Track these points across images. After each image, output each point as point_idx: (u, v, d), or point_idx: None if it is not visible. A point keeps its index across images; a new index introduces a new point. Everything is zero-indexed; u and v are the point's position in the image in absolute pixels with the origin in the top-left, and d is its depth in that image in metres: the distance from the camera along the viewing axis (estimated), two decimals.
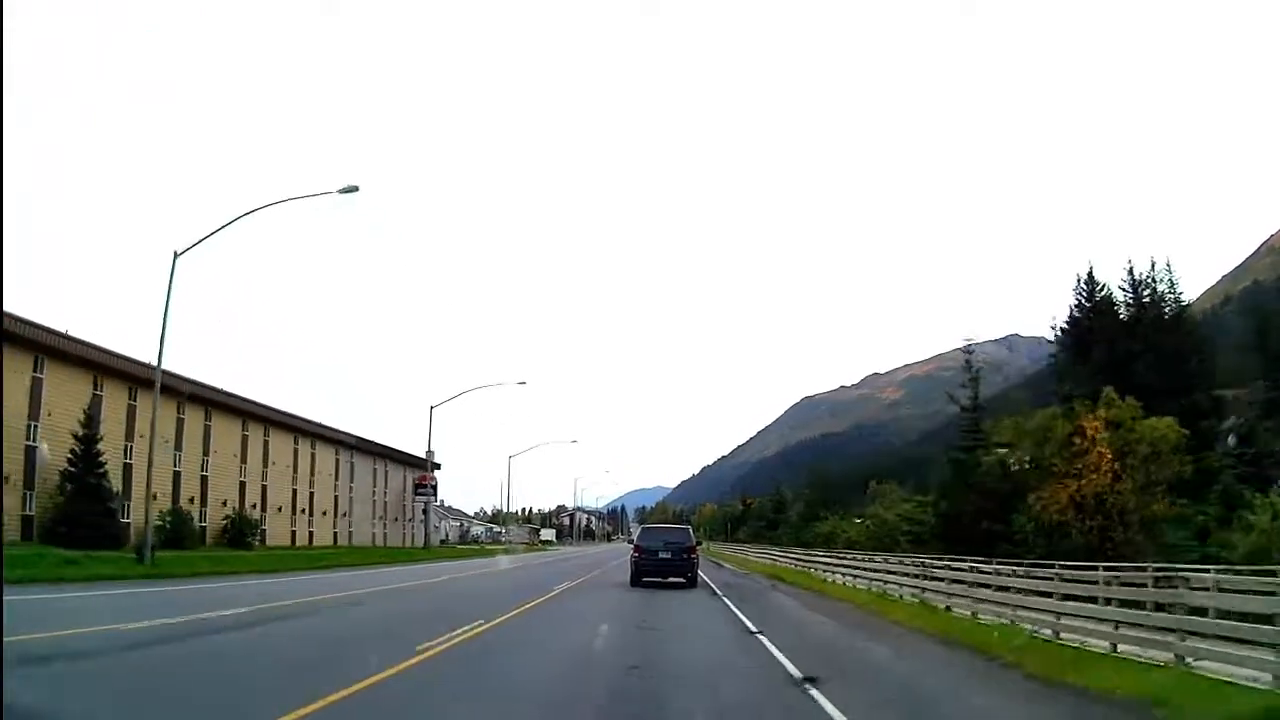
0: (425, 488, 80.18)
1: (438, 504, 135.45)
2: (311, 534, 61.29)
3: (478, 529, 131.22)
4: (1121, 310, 54.82)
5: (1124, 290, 54.24)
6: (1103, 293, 55.07)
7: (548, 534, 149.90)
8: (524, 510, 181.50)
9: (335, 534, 65.87)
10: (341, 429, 67.55)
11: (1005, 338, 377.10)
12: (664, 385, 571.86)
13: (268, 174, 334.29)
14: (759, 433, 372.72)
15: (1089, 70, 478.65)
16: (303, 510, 60.50)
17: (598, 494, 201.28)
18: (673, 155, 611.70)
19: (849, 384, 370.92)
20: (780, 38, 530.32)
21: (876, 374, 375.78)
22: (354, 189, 27.33)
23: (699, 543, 31.63)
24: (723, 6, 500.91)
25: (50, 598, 16.33)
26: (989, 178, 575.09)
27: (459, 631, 12.49)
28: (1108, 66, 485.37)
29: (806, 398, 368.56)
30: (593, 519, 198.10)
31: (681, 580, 25.24)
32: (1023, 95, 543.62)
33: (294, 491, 59.45)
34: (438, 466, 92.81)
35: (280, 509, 57.14)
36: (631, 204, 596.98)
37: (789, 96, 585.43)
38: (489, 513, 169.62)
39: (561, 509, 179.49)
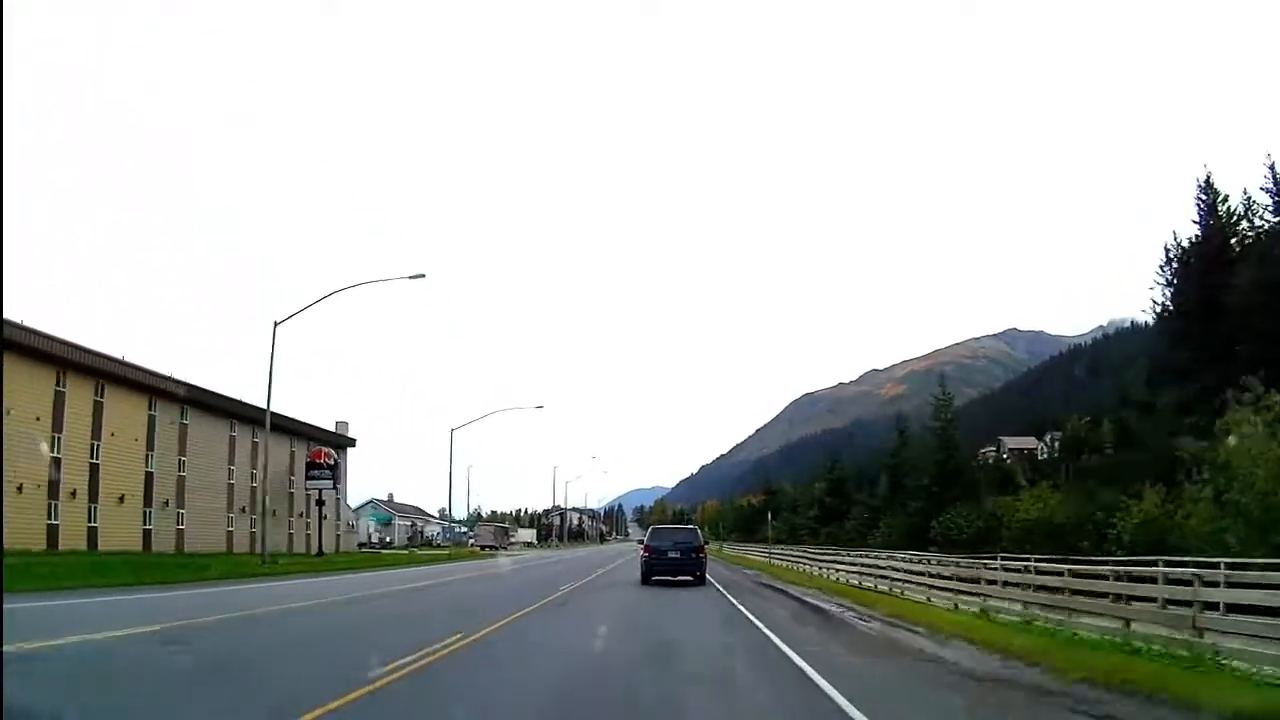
0: (320, 469, 58.72)
1: (383, 500, 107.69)
2: (94, 530, 37.50)
3: (434, 529, 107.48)
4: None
5: (1269, 193, 36.63)
6: (1225, 205, 38.31)
7: (527, 534, 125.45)
8: (519, 511, 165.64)
9: (149, 532, 41.73)
10: (167, 373, 44.07)
11: (1004, 332, 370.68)
12: (661, 385, 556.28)
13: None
14: (758, 430, 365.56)
15: (1085, 68, 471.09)
16: (73, 493, 36.82)
17: (587, 490, 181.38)
18: (671, 153, 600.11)
19: (848, 380, 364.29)
20: (780, 37, 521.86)
21: (875, 370, 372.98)
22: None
23: (706, 541, 34.23)
24: (723, 7, 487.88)
25: None
26: (986, 174, 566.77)
27: None
28: (1105, 63, 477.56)
29: (806, 394, 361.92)
30: (584, 518, 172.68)
31: (690, 578, 25.67)
32: (1019, 93, 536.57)
33: (55, 461, 35.34)
34: (350, 443, 69.32)
35: (21, 488, 33.62)
36: (625, 202, 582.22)
37: (788, 95, 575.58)
38: (484, 515, 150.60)
39: (557, 508, 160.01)
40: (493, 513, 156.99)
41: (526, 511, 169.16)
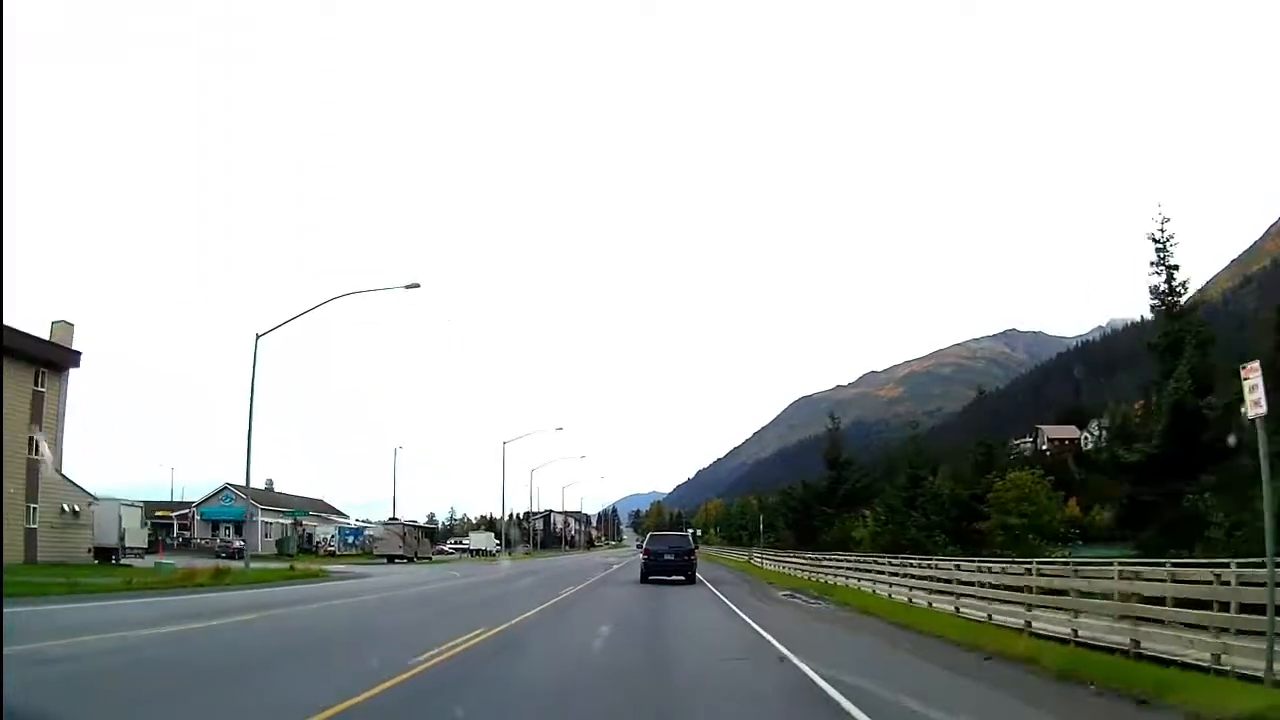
0: None
1: (251, 488, 62.43)
2: None
3: (326, 531, 77.97)
4: None
5: None
6: None
7: (481, 539, 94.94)
8: (514, 515, 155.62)
9: None
10: None
11: (1003, 333, 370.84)
12: (656, 389, 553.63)
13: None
14: (755, 434, 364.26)
15: (1084, 68, 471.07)
16: None
17: (565, 485, 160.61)
18: (668, 154, 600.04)
19: (846, 383, 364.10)
20: (779, 37, 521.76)
21: (874, 372, 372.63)
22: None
23: (697, 545, 39.63)
24: (722, 7, 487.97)
25: None
26: (983, 175, 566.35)
27: None
28: (1103, 64, 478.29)
29: (803, 397, 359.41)
30: (571, 521, 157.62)
31: (682, 578, 29.97)
32: (1018, 93, 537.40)
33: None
34: (71, 359, 38.91)
35: None
36: (619, 202, 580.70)
37: (785, 96, 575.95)
38: (472, 520, 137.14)
39: (546, 510, 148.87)
40: (483, 517, 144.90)
41: (515, 515, 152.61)
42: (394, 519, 72.00)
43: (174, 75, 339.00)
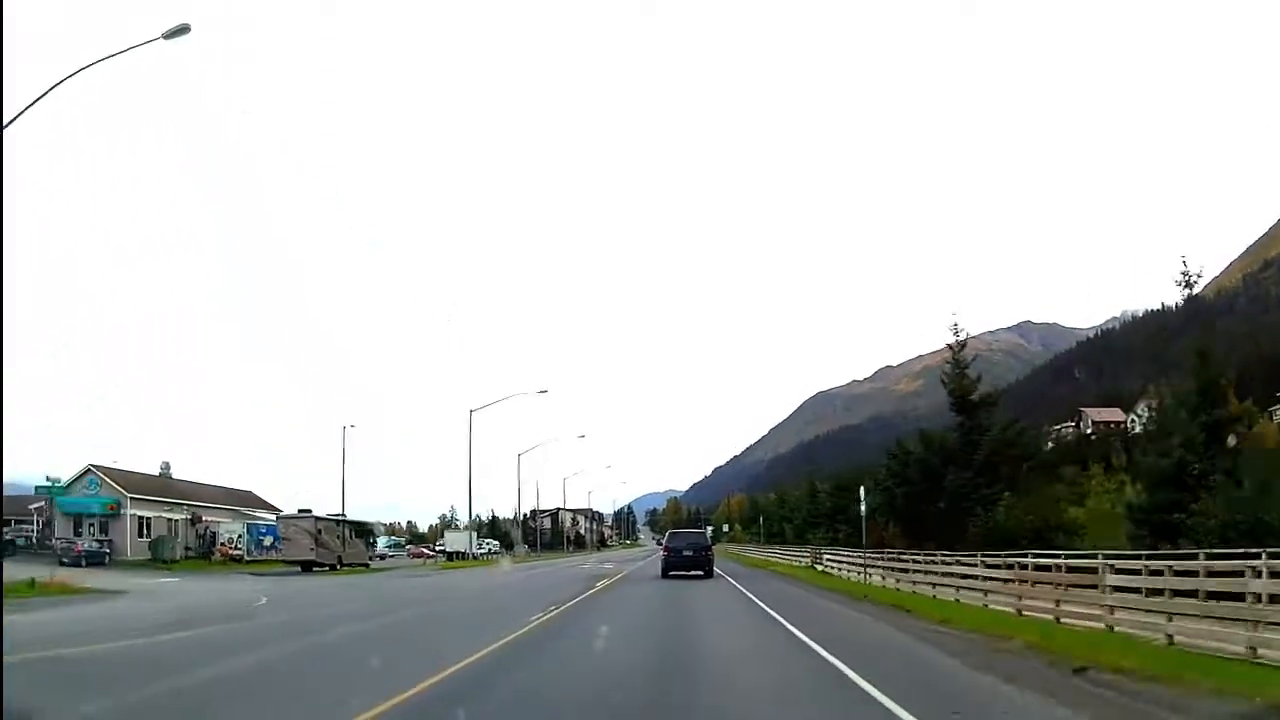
0: None
1: (127, 472, 57.50)
2: None
3: (233, 529, 60.05)
4: None
5: None
6: None
7: (458, 539, 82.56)
8: (525, 514, 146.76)
9: None
10: None
11: (1018, 325, 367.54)
12: (670, 387, 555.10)
13: None
14: (771, 430, 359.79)
15: (1093, 61, 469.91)
16: None
17: (566, 477, 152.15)
18: (679, 151, 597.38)
19: (861, 378, 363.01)
20: (782, 34, 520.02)
21: (889, 366, 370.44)
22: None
23: (712, 545, 37.00)
24: (723, 5, 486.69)
25: None
26: (996, 168, 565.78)
27: None
28: (1112, 56, 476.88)
29: (819, 393, 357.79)
30: (581, 519, 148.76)
31: (700, 573, 30.61)
32: (1029, 86, 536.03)
33: None
34: None
35: None
36: (632, 199, 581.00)
37: (793, 91, 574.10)
38: (497, 520, 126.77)
39: (558, 509, 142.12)
40: (494, 517, 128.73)
41: (519, 515, 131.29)
42: (306, 511, 52.87)
43: None
